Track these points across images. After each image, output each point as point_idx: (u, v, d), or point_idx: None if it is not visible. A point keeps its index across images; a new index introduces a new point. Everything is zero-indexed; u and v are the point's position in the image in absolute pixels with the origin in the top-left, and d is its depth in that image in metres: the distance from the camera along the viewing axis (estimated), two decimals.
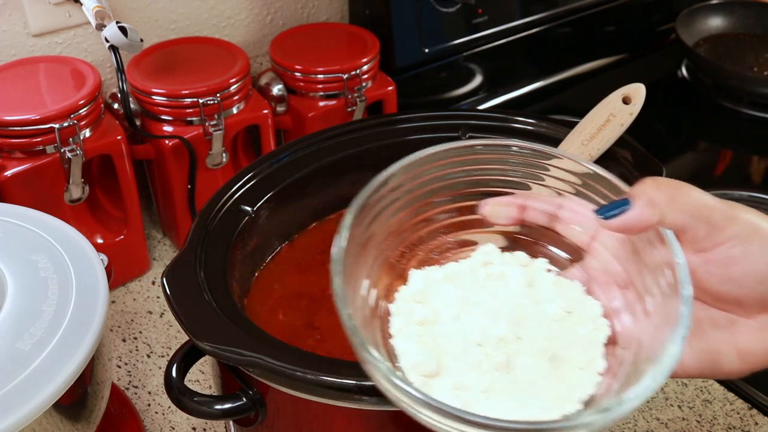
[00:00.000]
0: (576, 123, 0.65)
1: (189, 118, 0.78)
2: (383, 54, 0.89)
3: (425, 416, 0.35)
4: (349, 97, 0.85)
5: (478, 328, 0.41)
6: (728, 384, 0.70)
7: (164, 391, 0.49)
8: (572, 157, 0.44)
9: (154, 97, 0.78)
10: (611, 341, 0.41)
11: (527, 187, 0.46)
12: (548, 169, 0.45)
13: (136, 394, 0.71)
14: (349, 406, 0.47)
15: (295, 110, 0.87)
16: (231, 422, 0.57)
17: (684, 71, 1.18)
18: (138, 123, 0.79)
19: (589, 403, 0.38)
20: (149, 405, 0.70)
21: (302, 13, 0.96)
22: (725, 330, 0.40)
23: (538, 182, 0.46)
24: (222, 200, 0.60)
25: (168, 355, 0.75)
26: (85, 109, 0.72)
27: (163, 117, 0.79)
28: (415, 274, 0.44)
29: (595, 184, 0.43)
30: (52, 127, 0.70)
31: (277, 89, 0.86)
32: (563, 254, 0.46)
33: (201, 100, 0.77)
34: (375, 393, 0.43)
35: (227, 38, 0.91)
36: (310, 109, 0.86)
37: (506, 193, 0.45)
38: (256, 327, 0.50)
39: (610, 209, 0.39)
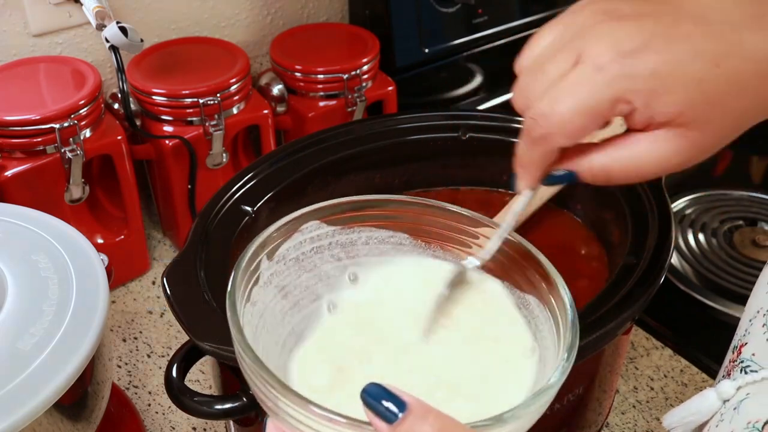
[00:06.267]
0: None
1: (189, 118, 0.78)
2: (383, 54, 0.89)
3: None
4: (349, 97, 0.85)
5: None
6: None
7: (164, 391, 0.49)
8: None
9: (154, 97, 0.78)
10: None
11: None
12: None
13: (136, 394, 0.71)
14: None
15: (295, 110, 0.87)
16: (231, 422, 0.57)
17: None
18: (138, 123, 0.79)
19: None
20: (149, 405, 0.70)
21: (302, 13, 0.96)
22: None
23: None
24: (222, 200, 0.60)
25: (168, 355, 0.75)
26: (85, 109, 0.72)
27: (163, 117, 0.79)
28: None
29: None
30: (52, 127, 0.70)
31: (277, 89, 0.86)
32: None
33: (201, 100, 0.77)
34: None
35: (227, 38, 0.91)
36: (310, 109, 0.86)
37: None
38: None
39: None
